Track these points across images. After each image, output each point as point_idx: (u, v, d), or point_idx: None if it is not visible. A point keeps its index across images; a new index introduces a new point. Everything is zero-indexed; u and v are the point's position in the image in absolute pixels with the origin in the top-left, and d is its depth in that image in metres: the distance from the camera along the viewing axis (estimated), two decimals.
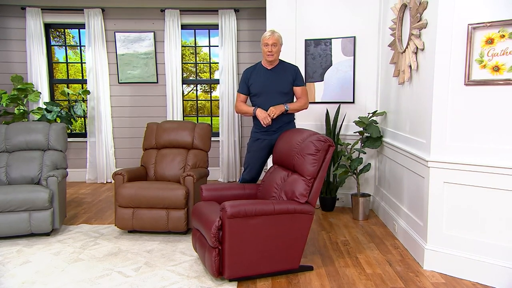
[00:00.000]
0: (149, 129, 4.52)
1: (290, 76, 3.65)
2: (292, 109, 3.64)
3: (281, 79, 3.63)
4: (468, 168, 2.84)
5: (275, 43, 3.55)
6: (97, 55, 6.07)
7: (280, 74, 3.64)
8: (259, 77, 3.67)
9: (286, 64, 3.73)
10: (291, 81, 3.66)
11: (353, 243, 3.65)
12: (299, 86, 3.69)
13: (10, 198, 3.65)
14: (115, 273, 3.06)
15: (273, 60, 3.60)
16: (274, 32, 3.58)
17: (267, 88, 3.63)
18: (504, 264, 2.74)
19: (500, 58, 2.68)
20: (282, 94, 3.63)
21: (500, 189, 2.73)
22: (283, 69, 3.67)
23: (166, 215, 3.76)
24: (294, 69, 3.71)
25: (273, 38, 3.54)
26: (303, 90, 3.71)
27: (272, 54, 3.56)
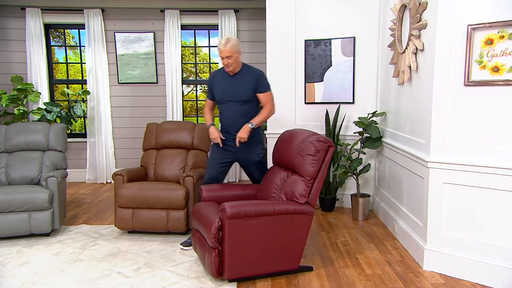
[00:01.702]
0: (149, 129, 4.52)
1: (251, 83, 3.44)
2: (258, 123, 3.47)
3: (241, 87, 3.43)
4: (468, 168, 2.84)
5: (229, 55, 3.33)
6: (97, 56, 6.07)
7: (241, 81, 3.45)
8: (220, 83, 3.52)
9: (249, 69, 3.52)
10: (252, 88, 3.44)
11: (353, 244, 3.65)
12: (262, 93, 3.47)
13: (10, 199, 3.65)
14: (115, 274, 3.06)
15: (232, 70, 3.43)
16: (227, 43, 3.32)
17: (228, 96, 3.48)
18: (503, 265, 2.74)
19: (500, 59, 2.68)
20: (243, 102, 3.46)
21: (500, 190, 2.73)
22: (245, 76, 3.47)
23: (166, 215, 3.76)
24: (257, 75, 3.48)
25: (225, 50, 3.31)
26: (266, 97, 3.49)
27: (229, 65, 3.38)
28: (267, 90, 3.51)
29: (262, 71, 3.58)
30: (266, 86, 3.52)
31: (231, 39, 3.37)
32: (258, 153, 3.59)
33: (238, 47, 3.38)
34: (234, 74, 3.48)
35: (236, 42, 3.38)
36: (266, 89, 3.51)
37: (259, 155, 3.60)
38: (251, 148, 3.53)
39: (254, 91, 3.46)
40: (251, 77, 3.46)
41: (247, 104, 3.47)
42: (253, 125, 3.42)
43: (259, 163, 3.61)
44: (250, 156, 3.56)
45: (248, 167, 3.63)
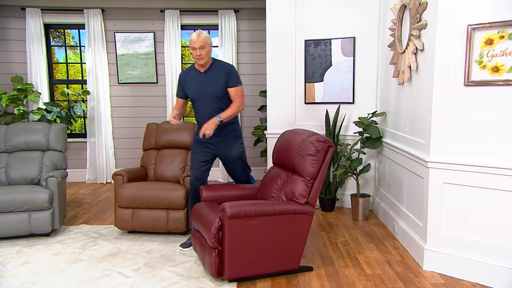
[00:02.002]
0: (149, 129, 4.52)
1: (222, 78, 3.39)
2: (226, 117, 3.35)
3: (213, 83, 3.39)
4: (468, 168, 2.84)
5: (203, 45, 3.28)
6: (97, 56, 6.07)
7: (212, 78, 3.40)
8: (192, 81, 3.47)
9: (220, 64, 3.48)
10: (223, 84, 3.39)
11: (353, 244, 3.65)
12: (233, 87, 3.41)
13: (10, 199, 3.65)
14: (115, 274, 3.06)
15: (204, 63, 3.38)
16: (200, 34, 3.32)
17: (201, 94, 3.43)
18: (503, 265, 2.74)
19: (500, 59, 2.68)
20: (216, 98, 3.41)
21: (500, 190, 2.73)
22: (216, 71, 3.42)
23: (166, 215, 3.76)
24: (227, 69, 3.43)
25: (199, 41, 3.27)
26: (236, 91, 3.42)
27: (201, 57, 3.32)
28: (237, 84, 3.44)
29: (233, 66, 3.57)
30: (237, 80, 3.45)
31: (204, 32, 3.37)
32: (237, 147, 3.55)
33: (210, 40, 3.37)
34: (205, 70, 3.43)
35: (208, 35, 3.38)
36: (236, 84, 3.43)
37: (239, 150, 3.56)
38: (230, 143, 3.51)
39: (225, 86, 3.41)
40: (222, 72, 3.41)
41: (220, 100, 3.42)
42: (220, 118, 3.31)
43: (239, 158, 3.58)
44: (230, 152, 3.53)
45: (229, 163, 3.62)
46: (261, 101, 6.16)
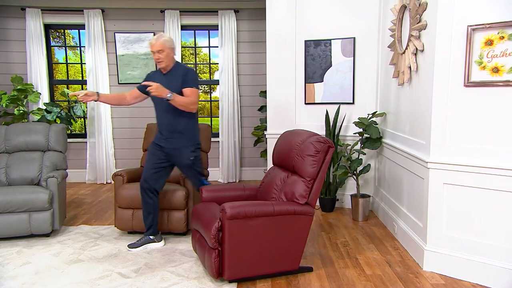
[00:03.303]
0: (149, 130, 4.52)
1: (179, 80, 3.36)
2: (177, 100, 3.26)
3: (170, 84, 3.33)
4: (468, 169, 2.84)
5: (161, 49, 3.29)
6: (97, 56, 6.07)
7: (170, 80, 3.38)
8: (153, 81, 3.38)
9: (179, 68, 3.45)
10: (179, 86, 3.34)
11: (353, 244, 3.66)
12: (187, 88, 3.35)
13: (10, 199, 3.65)
14: (115, 274, 3.07)
15: (165, 66, 3.38)
16: (159, 38, 3.32)
17: None
18: (503, 265, 2.74)
19: (500, 60, 2.68)
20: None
21: (500, 190, 2.73)
22: (174, 74, 3.40)
23: (166, 216, 3.76)
24: (185, 72, 3.40)
25: (157, 44, 3.28)
26: (192, 92, 3.35)
27: (160, 60, 3.33)
28: (193, 86, 3.37)
29: (192, 69, 3.52)
30: (192, 82, 3.38)
31: (164, 36, 3.37)
32: (187, 156, 3.44)
33: (170, 44, 3.36)
34: (166, 72, 3.42)
35: (169, 39, 3.38)
36: (191, 85, 3.37)
37: (189, 158, 3.44)
38: (180, 151, 3.44)
39: (181, 89, 3.36)
40: (179, 74, 3.39)
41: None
42: (171, 96, 3.22)
43: (189, 166, 3.48)
44: (181, 160, 3.47)
45: (181, 168, 3.60)
46: (261, 101, 6.17)
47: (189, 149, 3.46)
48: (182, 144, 3.44)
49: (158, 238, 3.64)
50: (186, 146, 3.45)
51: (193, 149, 3.47)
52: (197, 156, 3.52)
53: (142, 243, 3.57)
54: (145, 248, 3.55)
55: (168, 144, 3.46)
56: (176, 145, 3.44)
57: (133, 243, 3.57)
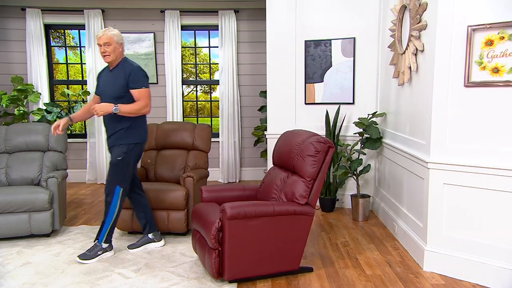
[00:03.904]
0: (149, 130, 4.52)
1: (123, 79, 3.24)
2: (123, 111, 3.19)
3: (114, 82, 3.26)
4: (468, 169, 2.84)
5: (108, 42, 3.20)
6: (97, 56, 6.07)
7: (115, 77, 3.28)
8: (101, 78, 3.40)
9: (125, 65, 3.31)
10: (123, 84, 3.23)
11: (353, 244, 3.66)
12: (135, 89, 3.25)
13: (10, 199, 3.65)
14: (115, 274, 3.07)
15: (111, 61, 3.27)
16: (107, 31, 3.23)
17: (104, 92, 3.34)
18: (503, 266, 2.74)
19: (500, 60, 2.68)
20: (115, 99, 3.24)
21: (500, 191, 2.73)
22: (119, 71, 3.28)
23: (166, 216, 3.76)
24: (130, 70, 3.26)
25: (104, 37, 3.19)
26: (140, 93, 3.25)
27: (106, 54, 3.22)
28: (141, 87, 3.26)
29: (138, 67, 3.34)
30: (140, 82, 3.27)
31: (112, 29, 3.28)
32: (116, 153, 3.34)
33: (119, 38, 3.27)
34: (113, 68, 3.33)
35: (118, 33, 3.29)
36: (139, 86, 3.26)
37: (116, 157, 3.33)
38: (115, 148, 3.35)
39: (126, 87, 3.25)
40: (124, 72, 3.26)
41: (117, 102, 3.24)
42: (117, 109, 3.17)
43: (112, 164, 3.36)
44: (112, 155, 3.38)
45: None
46: (261, 101, 6.17)
47: (122, 149, 3.33)
48: (117, 142, 3.34)
49: (158, 238, 3.63)
50: (120, 145, 3.34)
51: (125, 149, 3.33)
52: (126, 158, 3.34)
53: (142, 243, 3.57)
54: (145, 248, 3.55)
55: (108, 143, 3.41)
56: (113, 143, 3.37)
57: (133, 244, 3.57)
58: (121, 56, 3.34)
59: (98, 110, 3.18)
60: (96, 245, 3.36)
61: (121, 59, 3.34)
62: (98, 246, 3.36)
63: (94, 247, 3.35)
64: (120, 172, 3.35)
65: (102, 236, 3.37)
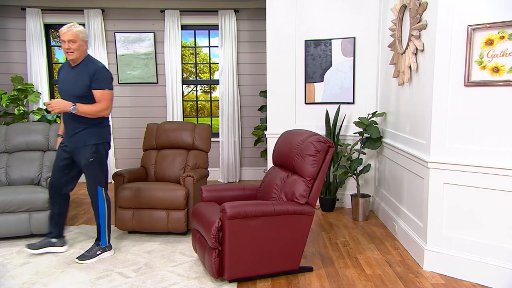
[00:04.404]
0: (149, 129, 4.52)
1: (86, 78, 3.14)
2: (82, 111, 3.11)
3: (76, 80, 3.17)
4: (468, 169, 2.84)
5: (73, 39, 3.08)
6: (97, 56, 6.06)
7: (77, 75, 3.18)
8: (62, 75, 3.28)
9: (90, 63, 3.22)
10: (87, 84, 3.15)
11: (353, 244, 3.66)
12: (97, 90, 3.16)
13: (10, 199, 3.65)
14: (115, 274, 3.07)
15: (74, 58, 3.16)
16: (72, 27, 3.11)
17: (64, 90, 3.22)
18: (503, 265, 2.74)
19: (500, 59, 2.68)
20: (76, 98, 3.14)
21: (500, 190, 2.73)
22: (83, 69, 3.18)
23: (166, 216, 3.76)
24: (94, 70, 3.17)
25: (69, 33, 3.08)
26: (103, 95, 3.17)
27: (71, 51, 3.11)
28: (104, 88, 3.19)
29: (103, 67, 3.26)
30: (103, 83, 3.19)
31: (78, 26, 3.18)
32: (86, 156, 3.25)
33: (84, 36, 3.18)
34: (75, 66, 3.22)
35: (83, 30, 3.19)
36: (102, 87, 3.18)
37: (88, 159, 3.25)
38: (81, 149, 3.25)
39: (89, 87, 3.17)
40: (88, 71, 3.17)
41: (80, 101, 3.15)
42: (75, 109, 3.09)
43: (86, 167, 3.29)
44: (80, 158, 3.27)
45: (81, 169, 3.38)
46: (261, 101, 6.17)
47: (91, 150, 3.26)
48: (83, 143, 3.24)
49: (61, 243, 3.50)
50: (86, 146, 3.24)
51: (94, 149, 3.26)
52: (97, 158, 3.30)
53: (42, 245, 3.42)
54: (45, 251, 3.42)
55: (71, 143, 3.28)
56: (77, 144, 3.25)
57: (33, 244, 3.41)
58: (85, 53, 3.24)
59: (54, 107, 3.06)
60: (95, 246, 3.36)
61: (84, 57, 3.24)
62: (97, 247, 3.36)
63: (92, 248, 3.35)
64: (97, 172, 3.31)
65: (103, 239, 3.38)
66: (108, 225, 3.40)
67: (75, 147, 3.28)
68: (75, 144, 3.27)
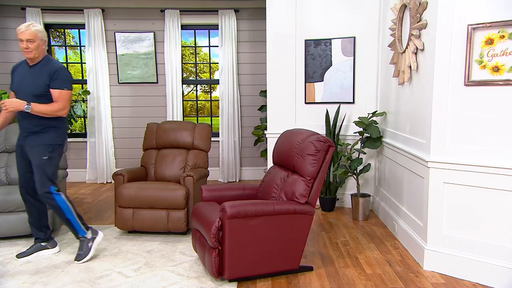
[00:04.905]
0: (149, 129, 4.52)
1: (45, 77, 3.12)
2: (36, 110, 3.08)
3: (34, 79, 3.14)
4: (468, 168, 2.84)
5: (31, 39, 3.05)
6: (97, 56, 6.07)
7: (36, 74, 3.15)
8: (18, 74, 3.23)
9: (49, 62, 3.20)
10: (46, 83, 3.12)
11: (353, 244, 3.65)
12: (56, 89, 3.14)
13: (10, 199, 3.65)
14: (115, 274, 3.06)
15: (32, 58, 3.13)
16: (31, 26, 3.08)
17: (21, 88, 3.18)
18: (503, 265, 2.74)
19: (500, 59, 2.68)
20: (34, 97, 3.11)
21: (500, 190, 2.73)
22: (42, 68, 3.16)
23: (166, 215, 3.76)
24: (54, 69, 3.15)
25: (27, 32, 3.04)
26: (61, 94, 3.15)
27: (29, 51, 3.08)
28: (62, 87, 3.16)
29: (63, 67, 3.25)
30: (62, 83, 3.17)
31: (36, 25, 3.14)
32: (40, 155, 3.18)
33: (43, 35, 3.15)
34: (33, 65, 3.18)
35: (42, 30, 3.16)
36: (61, 87, 3.16)
37: (41, 158, 3.18)
38: (35, 148, 3.19)
39: (48, 86, 3.14)
40: (47, 70, 3.14)
41: (38, 100, 3.12)
42: (29, 108, 3.05)
43: (39, 166, 3.18)
44: (34, 156, 3.20)
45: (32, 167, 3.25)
46: (261, 101, 6.17)
47: (46, 149, 3.20)
48: (39, 142, 3.19)
49: (52, 244, 3.48)
50: (42, 145, 3.20)
51: (50, 149, 3.21)
52: (53, 158, 3.24)
53: (33, 250, 3.39)
54: (37, 256, 3.38)
55: (25, 143, 3.24)
56: (33, 143, 3.20)
57: (23, 252, 3.37)
58: (43, 53, 3.20)
59: (8, 106, 3.05)
60: (82, 241, 3.31)
61: (44, 57, 3.21)
62: (85, 240, 3.31)
63: (82, 244, 3.30)
64: (49, 171, 3.22)
65: (80, 230, 3.31)
66: (77, 216, 3.30)
67: (29, 147, 3.22)
68: (30, 143, 3.21)
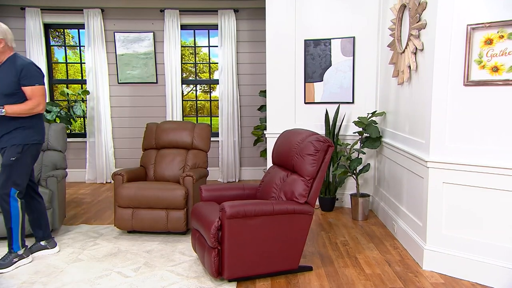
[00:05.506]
0: (149, 129, 4.52)
1: (14, 75, 3.05)
2: (12, 112, 3.03)
3: (3, 79, 3.07)
4: (467, 168, 2.84)
5: None
6: (96, 55, 6.07)
7: (5, 72, 3.08)
8: None
9: (16, 59, 3.12)
10: (14, 80, 3.05)
11: (353, 244, 3.66)
12: (27, 86, 3.08)
13: None
14: (114, 274, 3.07)
15: None
16: None
17: None
18: (503, 265, 2.74)
19: (499, 59, 2.68)
20: (6, 96, 3.06)
21: (499, 190, 2.73)
22: (9, 66, 3.09)
23: (165, 215, 3.76)
24: (21, 66, 3.07)
25: None
26: (33, 91, 3.09)
27: None
28: (34, 84, 3.10)
29: (31, 63, 3.16)
30: (33, 79, 3.10)
31: (2, 25, 3.10)
32: (8, 154, 3.12)
33: (5, 34, 3.09)
34: (1, 64, 3.12)
35: (6, 28, 3.11)
36: (32, 83, 3.09)
37: (9, 158, 3.11)
38: (8, 149, 3.13)
39: (18, 84, 3.07)
40: (15, 67, 3.07)
41: (10, 99, 3.07)
42: (3, 112, 3.00)
43: (5, 166, 3.11)
44: (4, 156, 3.15)
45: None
46: (261, 101, 6.17)
47: (15, 150, 3.13)
48: (11, 142, 3.13)
49: (52, 245, 3.47)
50: (13, 145, 3.13)
51: (19, 150, 3.14)
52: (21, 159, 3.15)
53: (32, 251, 3.38)
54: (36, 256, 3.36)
55: (1, 144, 3.17)
56: (5, 144, 3.15)
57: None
58: (9, 51, 3.14)
59: None
60: (10, 254, 3.16)
61: (10, 55, 3.14)
62: (13, 253, 3.17)
63: (8, 256, 3.15)
64: (15, 174, 3.12)
65: (16, 244, 3.17)
66: (21, 229, 3.18)
67: (2, 148, 3.17)
68: (3, 144, 3.16)
